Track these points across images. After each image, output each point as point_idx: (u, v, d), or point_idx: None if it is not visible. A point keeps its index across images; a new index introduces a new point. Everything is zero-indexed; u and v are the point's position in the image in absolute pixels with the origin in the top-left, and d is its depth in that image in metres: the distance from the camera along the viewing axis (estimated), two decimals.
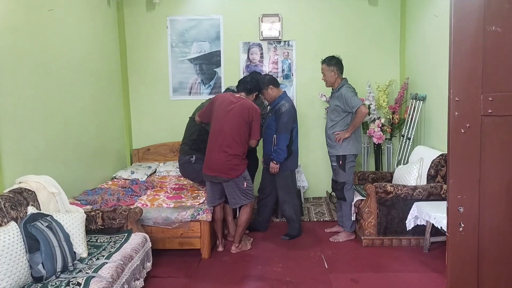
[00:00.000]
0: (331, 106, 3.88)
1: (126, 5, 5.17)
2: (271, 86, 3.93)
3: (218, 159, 3.48)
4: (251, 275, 3.29)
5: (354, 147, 3.82)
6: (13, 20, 3.01)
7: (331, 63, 3.82)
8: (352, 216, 3.93)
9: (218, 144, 3.48)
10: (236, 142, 3.48)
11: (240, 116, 3.47)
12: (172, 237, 3.50)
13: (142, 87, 5.31)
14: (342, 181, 3.87)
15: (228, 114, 3.48)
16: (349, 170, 3.86)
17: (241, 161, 3.55)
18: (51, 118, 3.50)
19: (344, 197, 3.90)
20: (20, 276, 2.24)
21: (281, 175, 3.99)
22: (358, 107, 3.65)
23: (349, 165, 3.84)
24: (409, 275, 3.19)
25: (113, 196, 3.76)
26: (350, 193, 3.92)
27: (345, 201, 3.91)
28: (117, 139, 5.03)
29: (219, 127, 3.51)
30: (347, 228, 3.95)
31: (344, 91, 3.74)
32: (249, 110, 3.49)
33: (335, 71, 3.82)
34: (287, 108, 3.83)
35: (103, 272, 2.39)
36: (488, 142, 1.45)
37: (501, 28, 1.41)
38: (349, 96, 3.69)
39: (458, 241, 1.48)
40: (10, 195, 2.63)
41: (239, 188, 3.55)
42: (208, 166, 3.56)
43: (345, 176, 3.85)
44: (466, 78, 1.43)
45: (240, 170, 3.52)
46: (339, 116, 3.79)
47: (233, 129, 3.46)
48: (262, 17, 5.13)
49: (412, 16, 4.86)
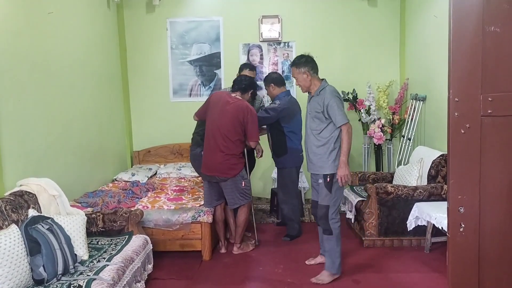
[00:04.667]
0: (311, 113, 3.12)
1: (126, 7, 5.18)
2: (272, 84, 3.95)
3: (215, 159, 3.48)
4: (252, 277, 3.29)
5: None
6: (13, 23, 3.01)
7: (300, 63, 3.12)
8: (339, 255, 3.10)
9: (215, 144, 3.49)
10: (232, 142, 3.48)
11: (235, 117, 3.46)
12: (173, 239, 3.50)
13: (142, 89, 5.32)
14: (325, 204, 3.06)
15: (223, 114, 3.48)
16: (336, 193, 3.06)
17: (239, 160, 3.55)
18: (51, 120, 3.50)
19: (330, 229, 3.06)
20: (21, 279, 2.24)
21: (279, 173, 4.01)
22: (342, 125, 2.98)
23: (336, 186, 3.03)
24: (410, 276, 3.19)
25: (113, 198, 3.76)
26: (337, 224, 3.08)
27: (331, 235, 3.08)
28: (118, 141, 5.04)
29: (215, 126, 3.51)
30: (332, 269, 3.10)
31: (328, 98, 2.99)
32: (244, 111, 3.48)
33: (307, 73, 3.09)
34: (276, 105, 3.84)
35: (104, 275, 2.38)
36: (488, 142, 1.45)
37: (500, 29, 1.41)
38: (334, 109, 2.96)
39: (458, 242, 1.48)
40: (11, 198, 2.63)
41: (237, 187, 3.55)
42: (206, 166, 3.56)
43: (330, 198, 3.04)
44: (466, 79, 1.44)
45: (237, 169, 3.53)
46: (322, 124, 3.04)
47: (228, 130, 3.46)
48: (262, 18, 5.13)
49: (412, 16, 4.86)
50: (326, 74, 5.35)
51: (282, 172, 4.01)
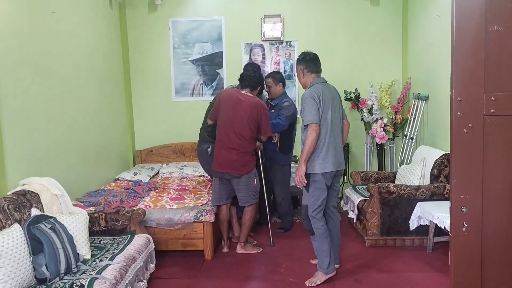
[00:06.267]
0: None
1: (128, 6, 5.19)
2: (281, 83, 4.11)
3: (230, 156, 3.49)
4: (254, 276, 3.29)
5: (319, 164, 2.97)
6: (16, 23, 3.02)
7: (298, 60, 3.17)
8: (327, 254, 3.04)
9: (228, 141, 3.49)
10: (246, 140, 3.49)
11: (250, 115, 3.46)
12: (175, 238, 3.50)
13: (144, 89, 5.32)
14: (305, 203, 3.09)
15: (237, 112, 3.47)
16: (314, 192, 3.01)
17: (252, 157, 3.59)
18: (54, 120, 3.51)
19: (311, 229, 3.06)
20: (24, 278, 2.25)
21: (280, 169, 4.06)
22: (308, 124, 2.91)
23: (314, 186, 3.00)
24: (413, 275, 3.18)
25: (116, 198, 3.77)
26: (319, 224, 3.02)
27: (314, 235, 3.08)
28: (120, 140, 5.04)
29: (228, 125, 3.50)
30: (322, 269, 3.08)
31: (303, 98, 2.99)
32: (258, 108, 3.49)
33: (300, 71, 3.13)
34: (290, 103, 4.05)
35: (107, 274, 2.39)
36: (491, 142, 1.44)
37: (503, 28, 1.40)
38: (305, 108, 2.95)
39: (461, 241, 1.47)
40: (13, 197, 2.64)
41: (249, 185, 3.56)
42: (219, 163, 3.57)
43: (308, 198, 3.05)
44: (468, 78, 1.43)
45: (251, 166, 3.57)
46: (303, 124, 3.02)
47: (242, 128, 3.47)
48: (264, 17, 5.13)
49: (414, 15, 4.85)
50: (329, 73, 5.35)
51: (283, 168, 4.13)
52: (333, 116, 3.00)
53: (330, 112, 2.99)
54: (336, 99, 3.10)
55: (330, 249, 3.06)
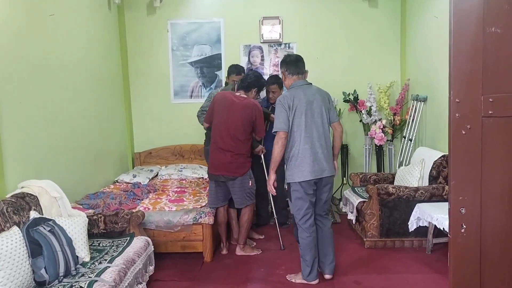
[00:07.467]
0: None
1: (127, 9, 5.19)
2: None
3: (224, 158, 3.49)
4: (254, 278, 3.29)
5: (296, 173, 2.90)
6: (14, 25, 3.02)
7: (280, 62, 3.18)
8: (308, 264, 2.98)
9: (223, 144, 3.49)
10: (240, 142, 3.49)
11: (245, 116, 3.46)
12: (174, 241, 3.50)
13: (143, 91, 5.33)
14: (292, 212, 3.08)
15: (231, 114, 3.47)
16: (296, 202, 2.94)
17: (247, 159, 3.58)
18: (52, 122, 3.51)
19: (297, 238, 3.03)
20: (23, 280, 2.25)
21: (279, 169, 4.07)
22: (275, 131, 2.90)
23: (294, 196, 2.95)
24: (412, 277, 3.18)
25: (115, 200, 3.76)
26: (304, 235, 2.95)
27: (298, 244, 3.04)
28: (119, 142, 5.04)
29: (222, 127, 3.50)
30: (302, 275, 3.05)
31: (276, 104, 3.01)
32: (252, 109, 3.49)
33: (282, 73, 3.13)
34: None
35: (106, 276, 2.38)
36: (489, 143, 1.44)
37: (501, 29, 1.41)
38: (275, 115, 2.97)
39: (460, 243, 1.48)
40: (12, 200, 2.63)
41: (244, 187, 3.56)
42: (214, 166, 3.57)
43: (292, 206, 3.03)
44: (466, 79, 1.43)
45: (246, 167, 3.55)
46: None
47: (237, 129, 3.47)
48: (263, 19, 5.14)
49: (412, 17, 4.86)
50: (327, 75, 5.34)
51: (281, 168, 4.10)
52: (309, 121, 2.88)
53: (303, 117, 2.87)
54: (316, 102, 2.93)
55: (313, 260, 2.99)
